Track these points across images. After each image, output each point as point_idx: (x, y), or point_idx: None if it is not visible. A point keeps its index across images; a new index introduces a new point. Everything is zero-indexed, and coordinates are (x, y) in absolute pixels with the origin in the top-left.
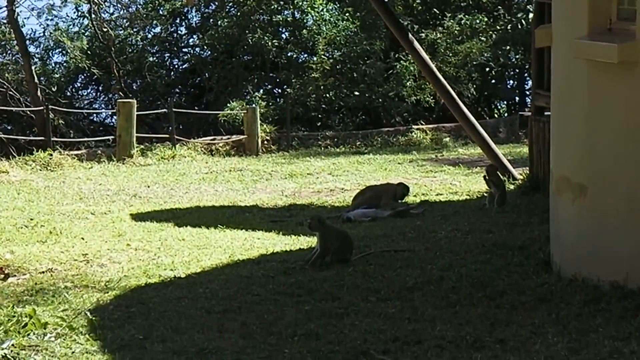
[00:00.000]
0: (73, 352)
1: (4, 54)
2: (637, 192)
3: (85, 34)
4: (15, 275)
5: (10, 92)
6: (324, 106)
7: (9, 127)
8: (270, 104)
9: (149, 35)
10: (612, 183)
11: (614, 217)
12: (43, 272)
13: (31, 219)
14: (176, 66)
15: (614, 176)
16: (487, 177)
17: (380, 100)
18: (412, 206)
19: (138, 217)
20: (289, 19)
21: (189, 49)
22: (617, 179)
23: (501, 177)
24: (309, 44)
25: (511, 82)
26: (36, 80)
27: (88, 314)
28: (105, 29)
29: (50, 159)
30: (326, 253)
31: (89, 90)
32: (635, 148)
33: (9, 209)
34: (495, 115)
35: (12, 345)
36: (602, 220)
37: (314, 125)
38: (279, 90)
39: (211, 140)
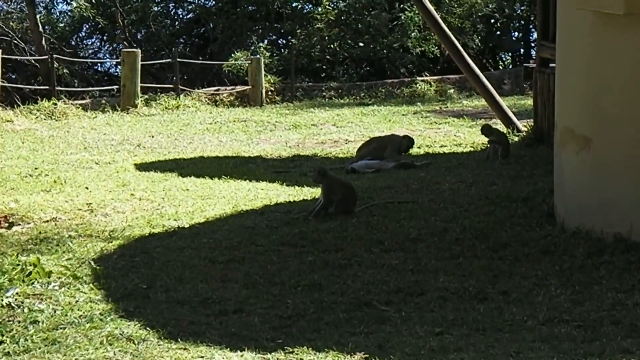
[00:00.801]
0: (77, 301)
1: (9, 3)
2: None
3: None
4: (19, 224)
5: (15, 41)
6: (328, 57)
7: (14, 76)
8: (275, 54)
9: None
10: (617, 135)
11: (618, 169)
12: (47, 221)
13: (35, 168)
14: (181, 16)
15: (618, 128)
16: (488, 140)
17: (384, 51)
18: (417, 159)
19: (142, 167)
20: None
21: None
22: (622, 131)
23: (498, 130)
24: None
25: (516, 33)
26: (41, 29)
27: (92, 263)
28: None
29: (54, 108)
30: (330, 204)
31: (93, 40)
32: (638, 100)
33: (14, 157)
34: (500, 67)
35: (17, 293)
36: (606, 172)
37: (318, 76)
38: (284, 41)
39: (215, 90)
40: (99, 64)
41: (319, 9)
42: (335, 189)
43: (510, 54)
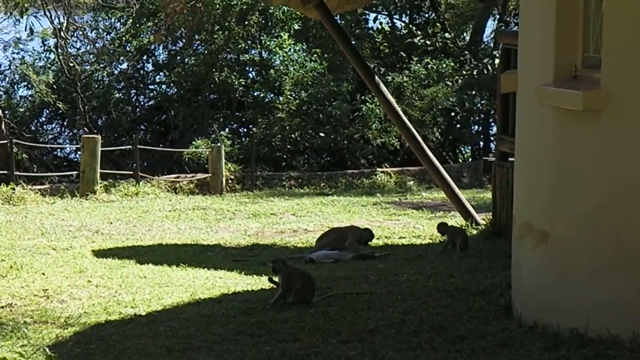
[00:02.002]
0: None
1: None
2: (599, 241)
3: (52, 69)
4: None
5: None
6: (289, 146)
7: None
8: (236, 143)
9: (116, 71)
10: (575, 231)
11: (575, 264)
12: (2, 306)
13: None
14: (142, 103)
15: (576, 224)
16: (446, 238)
17: (345, 142)
18: (376, 250)
19: (100, 253)
20: (256, 58)
21: (156, 85)
22: (580, 226)
23: (454, 227)
24: (275, 84)
25: (476, 127)
26: (0, 113)
27: (47, 350)
28: (71, 64)
29: (12, 193)
30: (288, 294)
31: (53, 125)
32: (598, 196)
33: None
34: (460, 160)
35: None
36: (564, 267)
37: (278, 166)
38: (245, 130)
39: (175, 178)
40: (58, 150)
41: (281, 99)
42: (294, 278)
43: (470, 147)
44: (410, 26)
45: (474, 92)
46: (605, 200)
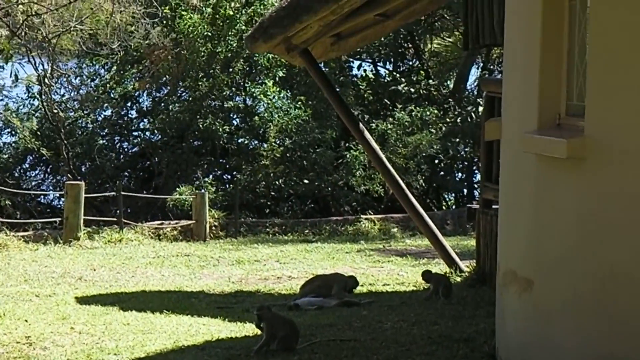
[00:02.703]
0: None
1: None
2: (583, 287)
3: (36, 115)
4: None
5: None
6: (273, 193)
7: None
8: (220, 189)
9: (100, 118)
10: (558, 278)
11: (559, 312)
12: None
13: None
14: (126, 149)
15: (560, 271)
16: (430, 285)
17: (329, 189)
18: (360, 298)
19: (83, 300)
20: (240, 105)
21: (140, 132)
22: (563, 274)
23: (438, 274)
24: (260, 130)
25: (460, 174)
26: None
27: None
28: (55, 110)
29: None
30: (272, 341)
31: (37, 172)
32: (581, 243)
33: None
34: (444, 207)
35: None
36: (548, 315)
37: (262, 212)
38: (229, 176)
39: (159, 224)
40: (42, 196)
41: (265, 146)
42: (278, 325)
43: (453, 195)
44: (394, 73)
45: (457, 140)
46: (589, 248)
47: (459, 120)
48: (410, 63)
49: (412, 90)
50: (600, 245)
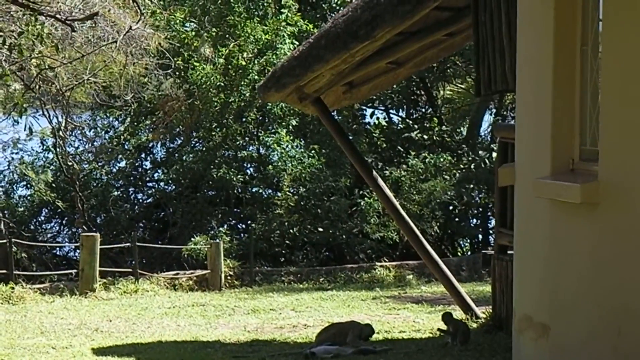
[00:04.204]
0: None
1: None
2: (599, 329)
3: (50, 168)
4: None
5: None
6: (287, 242)
7: None
8: (234, 238)
9: (114, 170)
10: (574, 323)
11: (575, 357)
12: None
13: None
14: (140, 200)
15: (575, 316)
16: (448, 328)
17: (344, 236)
18: (376, 345)
19: (100, 351)
20: (254, 154)
21: (154, 183)
22: (579, 319)
23: (456, 319)
24: (274, 179)
25: (474, 220)
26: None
27: None
28: (70, 163)
29: (12, 292)
30: None
31: (52, 224)
32: (596, 288)
33: None
34: (459, 254)
35: None
36: (564, 359)
37: (277, 261)
38: (243, 225)
39: (174, 274)
40: (57, 248)
41: (279, 194)
42: None
43: (468, 241)
44: (407, 120)
45: (472, 186)
46: (603, 291)
47: (472, 167)
48: (423, 110)
49: (425, 137)
50: (615, 287)
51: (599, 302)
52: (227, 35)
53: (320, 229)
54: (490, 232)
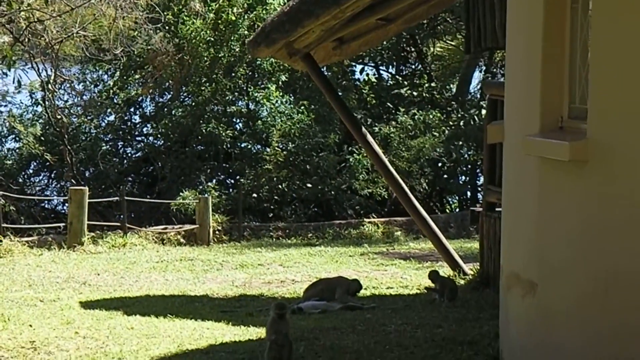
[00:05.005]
0: None
1: None
2: (587, 290)
3: (39, 121)
4: None
5: None
6: (276, 197)
7: None
8: (223, 194)
9: (103, 123)
10: (562, 280)
11: (563, 315)
12: None
13: None
14: (129, 154)
15: (563, 273)
16: (435, 286)
17: (332, 192)
18: (363, 301)
19: (87, 304)
20: (243, 110)
21: (143, 137)
22: (567, 277)
23: (445, 275)
24: (263, 135)
25: (463, 177)
26: None
27: None
28: (59, 116)
29: (0, 245)
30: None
31: (41, 177)
32: (584, 245)
33: None
34: (447, 210)
35: None
36: (551, 317)
37: (266, 216)
38: (232, 181)
39: (163, 229)
40: (46, 202)
41: (268, 150)
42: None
43: (457, 198)
44: (397, 77)
45: (460, 143)
46: (591, 248)
47: (461, 124)
48: (413, 67)
49: (415, 93)
50: (604, 247)
51: (587, 260)
52: None
53: (309, 185)
54: (479, 189)
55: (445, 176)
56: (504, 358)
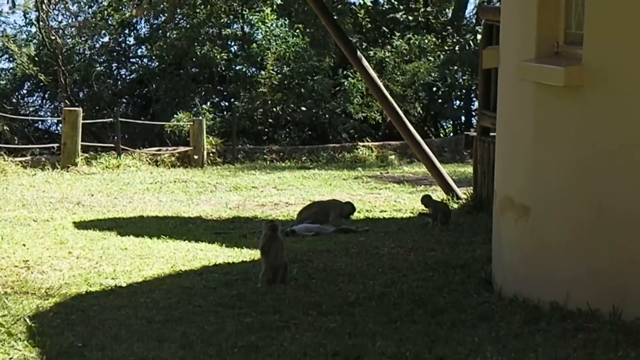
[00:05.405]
0: (11, 358)
1: None
2: (580, 215)
3: (33, 41)
4: None
5: None
6: (270, 120)
7: None
8: (217, 116)
9: (97, 45)
10: (555, 205)
11: (555, 239)
12: None
13: None
14: (124, 76)
15: (557, 198)
16: (428, 211)
17: (327, 116)
18: (356, 224)
19: (81, 225)
20: (238, 32)
21: (137, 59)
22: (560, 201)
23: (437, 199)
24: (258, 58)
25: (458, 102)
26: None
27: (27, 320)
28: (53, 37)
29: None
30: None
31: (35, 98)
32: (579, 171)
33: None
34: (441, 135)
35: None
36: (544, 242)
37: (260, 139)
38: (226, 103)
39: (157, 150)
40: (40, 122)
41: (263, 73)
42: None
43: (451, 122)
44: (393, 1)
45: (455, 68)
46: (585, 174)
47: (457, 49)
48: None
49: (411, 18)
50: (598, 172)
51: (581, 186)
52: None
53: (304, 108)
54: (473, 114)
55: (439, 101)
56: (496, 281)
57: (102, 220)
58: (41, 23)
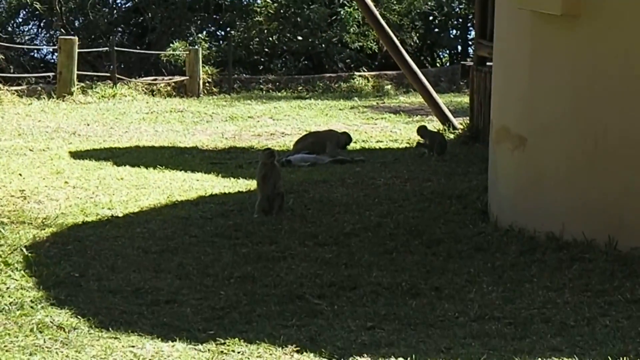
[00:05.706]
0: (8, 288)
1: None
2: (576, 145)
3: None
4: None
5: None
6: (266, 50)
7: None
8: (213, 45)
9: None
10: (551, 135)
11: (551, 169)
12: None
13: None
14: (119, 5)
15: (553, 129)
16: (424, 140)
17: (323, 45)
18: (353, 154)
19: (77, 155)
20: None
21: None
22: (557, 132)
23: (433, 131)
24: None
25: (454, 31)
26: None
27: (24, 250)
28: None
29: None
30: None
31: (30, 26)
32: (575, 101)
33: None
34: (438, 64)
35: None
36: (540, 172)
37: (256, 69)
38: (222, 33)
39: (152, 80)
40: (35, 51)
41: (259, 2)
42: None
43: (447, 52)
44: None
45: None
46: (582, 104)
47: None
48: None
49: None
50: (594, 103)
51: (577, 116)
52: None
53: (300, 38)
54: (470, 43)
55: (436, 30)
56: (492, 211)
57: (98, 150)
58: None
